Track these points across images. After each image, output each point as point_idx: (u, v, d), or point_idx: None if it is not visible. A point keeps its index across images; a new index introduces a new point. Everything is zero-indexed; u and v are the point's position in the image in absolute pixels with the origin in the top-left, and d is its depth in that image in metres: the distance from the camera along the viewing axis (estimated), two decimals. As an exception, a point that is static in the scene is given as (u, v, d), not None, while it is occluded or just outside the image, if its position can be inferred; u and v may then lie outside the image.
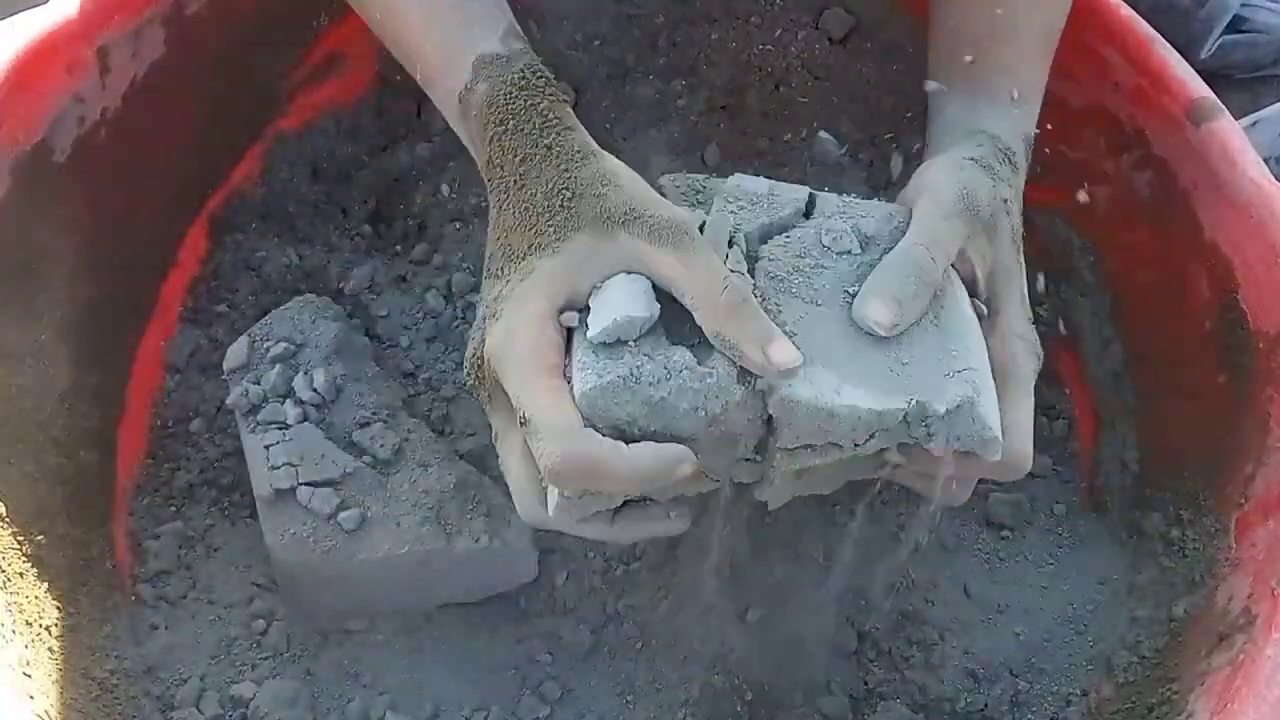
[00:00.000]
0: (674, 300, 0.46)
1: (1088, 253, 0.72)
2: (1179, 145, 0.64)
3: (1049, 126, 0.71)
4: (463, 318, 0.68)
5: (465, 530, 0.58)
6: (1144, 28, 0.65)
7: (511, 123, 0.49)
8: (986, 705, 0.60)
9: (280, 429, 0.60)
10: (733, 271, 0.46)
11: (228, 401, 0.62)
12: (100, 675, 0.56)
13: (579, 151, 0.48)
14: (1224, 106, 0.62)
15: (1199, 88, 0.63)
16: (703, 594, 0.60)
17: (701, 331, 0.45)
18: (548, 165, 0.48)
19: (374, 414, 0.61)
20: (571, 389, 0.45)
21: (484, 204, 0.58)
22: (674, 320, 0.46)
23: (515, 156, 0.49)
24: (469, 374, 0.49)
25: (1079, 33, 0.67)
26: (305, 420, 0.60)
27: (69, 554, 0.58)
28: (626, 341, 0.45)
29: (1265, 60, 1.14)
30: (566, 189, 0.47)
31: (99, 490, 0.62)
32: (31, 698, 0.49)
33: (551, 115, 0.49)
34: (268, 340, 0.63)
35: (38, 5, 0.59)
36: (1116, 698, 0.59)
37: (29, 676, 0.50)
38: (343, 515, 0.58)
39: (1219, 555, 0.59)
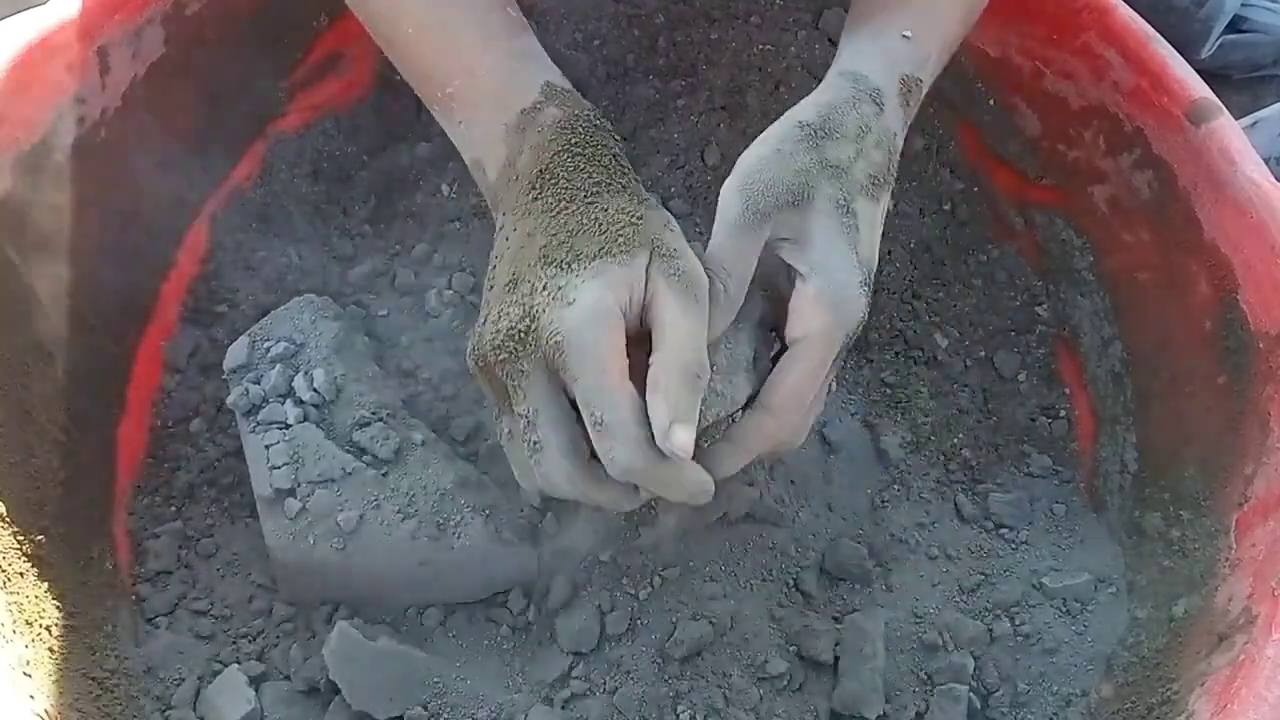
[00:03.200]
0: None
1: (1088, 253, 0.72)
2: (1179, 145, 0.64)
3: (1049, 127, 0.72)
4: (464, 318, 0.68)
5: (465, 530, 0.58)
6: (1144, 28, 0.65)
7: (590, 150, 0.53)
8: (987, 705, 0.60)
9: (280, 429, 0.60)
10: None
11: (228, 401, 0.62)
12: (100, 675, 0.55)
13: (646, 198, 0.54)
14: (1224, 106, 0.62)
15: (1199, 88, 0.63)
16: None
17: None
18: (622, 194, 0.53)
19: (374, 414, 0.61)
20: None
21: (484, 203, 0.58)
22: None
23: (590, 178, 0.53)
24: (498, 347, 0.50)
25: (1079, 33, 0.67)
26: (305, 420, 0.60)
27: (69, 554, 0.58)
28: None
29: (1265, 60, 1.14)
30: (638, 216, 0.51)
31: (99, 490, 0.62)
32: (32, 698, 0.49)
33: (624, 161, 0.55)
34: (268, 340, 0.63)
35: (38, 5, 0.59)
36: (1116, 698, 0.59)
37: (29, 676, 0.50)
38: (342, 515, 0.58)
39: (1219, 555, 0.59)
